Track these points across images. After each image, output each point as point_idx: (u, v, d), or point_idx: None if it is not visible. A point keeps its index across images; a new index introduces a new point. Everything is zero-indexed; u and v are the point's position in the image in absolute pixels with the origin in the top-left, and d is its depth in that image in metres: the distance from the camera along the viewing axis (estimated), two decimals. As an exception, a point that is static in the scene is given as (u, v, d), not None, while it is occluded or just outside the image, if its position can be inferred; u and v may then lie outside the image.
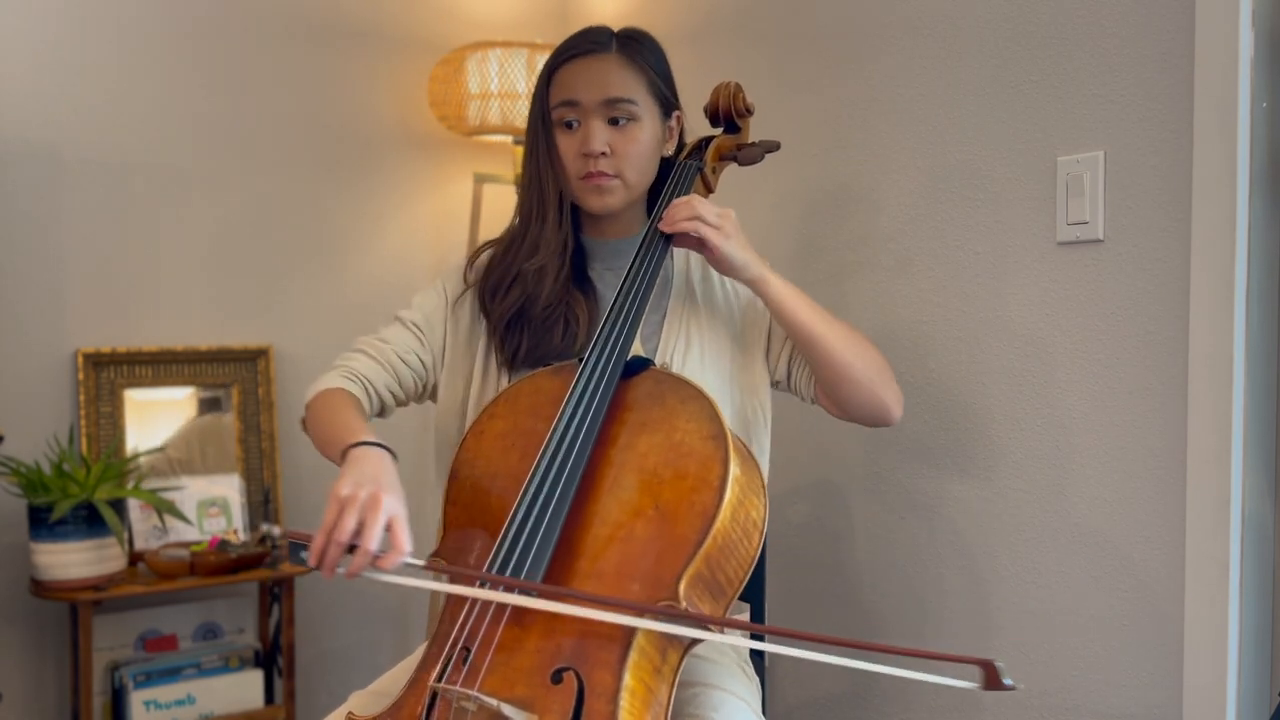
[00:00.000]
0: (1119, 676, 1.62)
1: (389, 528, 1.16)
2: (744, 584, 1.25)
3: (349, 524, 1.14)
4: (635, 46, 1.48)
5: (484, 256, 1.54)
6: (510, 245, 1.50)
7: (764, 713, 1.44)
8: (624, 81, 1.44)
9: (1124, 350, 1.60)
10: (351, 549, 1.15)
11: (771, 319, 1.51)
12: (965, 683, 1.04)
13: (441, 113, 2.51)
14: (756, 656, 1.62)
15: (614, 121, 1.44)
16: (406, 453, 2.67)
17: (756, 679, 1.50)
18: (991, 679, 1.03)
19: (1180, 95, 1.51)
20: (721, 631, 1.17)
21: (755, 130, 1.62)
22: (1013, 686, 1.02)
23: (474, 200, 2.62)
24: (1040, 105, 1.69)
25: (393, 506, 1.17)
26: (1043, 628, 1.72)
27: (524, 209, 1.51)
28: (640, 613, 1.14)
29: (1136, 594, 1.59)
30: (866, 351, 1.44)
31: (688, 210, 1.39)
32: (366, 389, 1.47)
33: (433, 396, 1.56)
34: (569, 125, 1.45)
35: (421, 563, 1.19)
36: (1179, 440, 1.53)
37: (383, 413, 1.52)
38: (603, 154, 1.43)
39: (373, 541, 1.14)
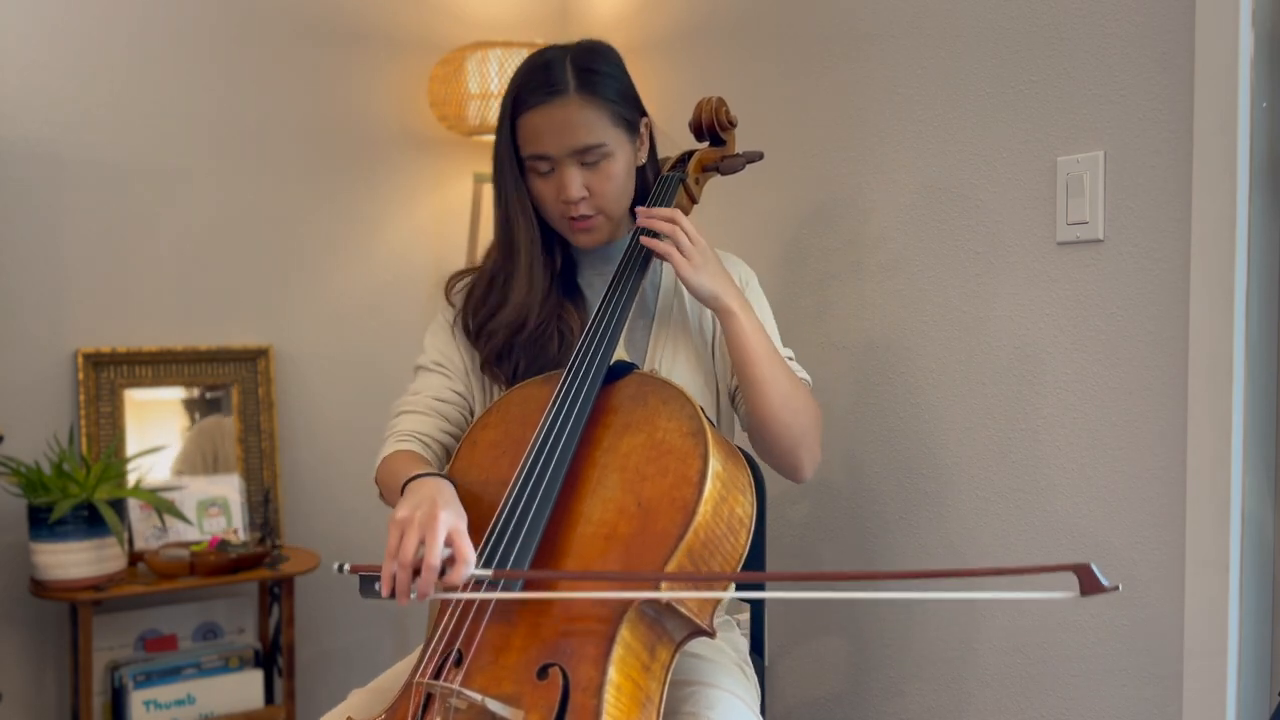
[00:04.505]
0: (1118, 677, 1.62)
1: (449, 542, 1.16)
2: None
3: (411, 544, 1.15)
4: (593, 79, 1.45)
5: (463, 285, 1.57)
6: (490, 284, 1.52)
7: (763, 713, 1.45)
8: (589, 126, 1.43)
9: (1124, 350, 1.60)
10: (419, 572, 1.15)
11: None
12: (1063, 593, 0.97)
13: (441, 113, 2.51)
14: (756, 656, 1.63)
15: (587, 162, 1.45)
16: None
17: (755, 679, 1.51)
18: (1089, 583, 0.95)
19: (1180, 95, 1.51)
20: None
21: (756, 130, 1.63)
22: (1113, 586, 0.95)
23: (474, 200, 2.62)
24: (1040, 105, 1.69)
25: (449, 520, 1.17)
26: (1041, 627, 1.72)
27: (500, 249, 1.52)
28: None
29: (1136, 594, 1.59)
30: (801, 411, 1.45)
31: (668, 224, 1.41)
32: (422, 441, 1.49)
33: None
34: (544, 172, 1.47)
35: (490, 572, 1.17)
36: (1179, 440, 1.53)
37: (449, 456, 1.53)
38: (582, 198, 1.45)
39: (435, 556, 1.13)
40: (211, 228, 2.46)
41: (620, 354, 1.40)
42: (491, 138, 2.57)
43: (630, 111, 1.49)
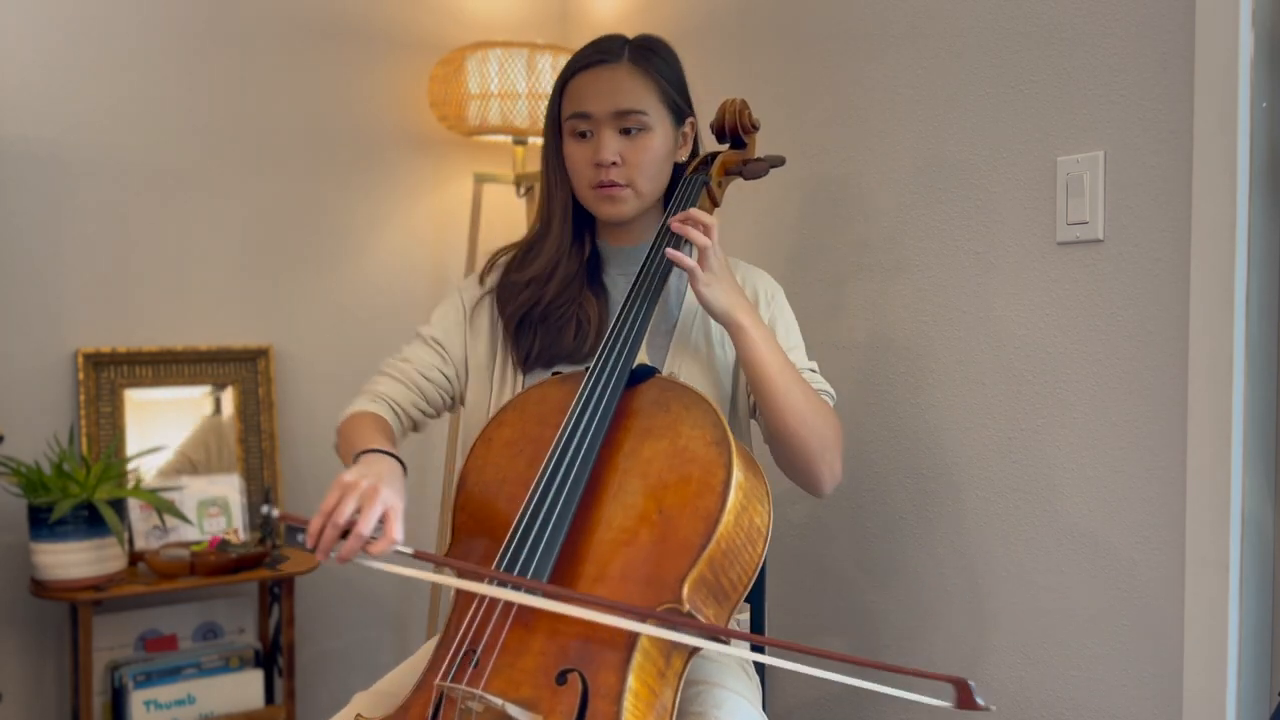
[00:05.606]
0: (1119, 676, 1.62)
1: (384, 518, 1.20)
2: (748, 589, 1.25)
3: (347, 508, 1.18)
4: (647, 55, 1.49)
5: (502, 260, 1.58)
6: (526, 251, 1.55)
7: (764, 712, 1.45)
8: (634, 92, 1.46)
9: (1124, 350, 1.60)
10: (346, 535, 1.19)
11: None
12: (940, 701, 1.07)
13: (441, 113, 2.51)
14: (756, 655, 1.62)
15: (625, 131, 1.46)
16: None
17: (756, 679, 1.51)
18: (964, 699, 1.05)
19: (1180, 95, 1.51)
20: (727, 642, 1.18)
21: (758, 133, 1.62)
22: (986, 707, 1.04)
23: (474, 200, 2.62)
24: (1040, 105, 1.69)
25: (390, 498, 1.21)
26: (1042, 628, 1.72)
27: (539, 216, 1.55)
28: (643, 618, 1.14)
29: (1136, 594, 1.59)
30: (820, 423, 1.43)
31: (702, 238, 1.38)
32: (393, 409, 1.51)
33: (462, 402, 1.59)
34: (582, 135, 1.47)
35: (410, 550, 1.22)
36: (1179, 440, 1.53)
37: (415, 428, 1.57)
38: (614, 164, 1.45)
39: (366, 526, 1.17)
40: (211, 227, 2.46)
41: (641, 358, 1.39)
42: (491, 138, 2.60)
43: (679, 97, 1.51)
